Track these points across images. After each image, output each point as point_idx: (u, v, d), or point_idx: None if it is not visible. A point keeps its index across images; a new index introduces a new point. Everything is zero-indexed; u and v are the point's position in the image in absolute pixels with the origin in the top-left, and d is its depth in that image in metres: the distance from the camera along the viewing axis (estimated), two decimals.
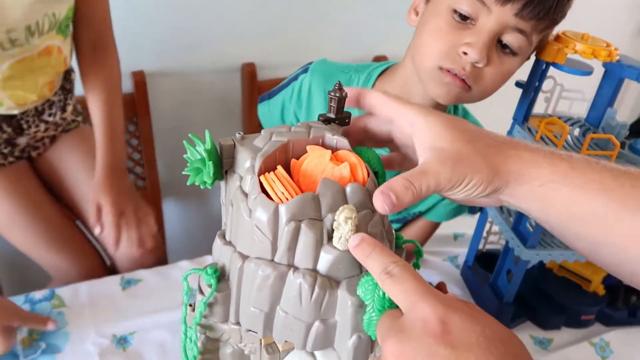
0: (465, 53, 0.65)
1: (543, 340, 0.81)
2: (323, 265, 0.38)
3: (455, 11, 0.65)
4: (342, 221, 0.37)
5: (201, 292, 0.42)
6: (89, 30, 0.90)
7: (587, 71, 0.69)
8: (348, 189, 0.39)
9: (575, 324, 0.83)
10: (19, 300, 0.76)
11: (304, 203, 0.38)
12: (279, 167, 0.40)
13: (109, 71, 0.94)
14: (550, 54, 0.68)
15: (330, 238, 0.38)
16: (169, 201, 1.39)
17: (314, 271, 0.38)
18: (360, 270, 0.39)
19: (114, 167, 0.89)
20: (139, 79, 1.21)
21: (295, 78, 0.88)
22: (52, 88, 0.90)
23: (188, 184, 0.43)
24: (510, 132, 0.77)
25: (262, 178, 0.39)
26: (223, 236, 0.43)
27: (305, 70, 0.86)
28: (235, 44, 1.14)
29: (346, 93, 0.46)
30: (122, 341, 0.72)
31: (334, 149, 0.44)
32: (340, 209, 0.37)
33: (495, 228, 0.89)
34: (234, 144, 0.43)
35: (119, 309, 0.77)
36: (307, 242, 0.38)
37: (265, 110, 0.94)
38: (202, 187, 0.43)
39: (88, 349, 0.70)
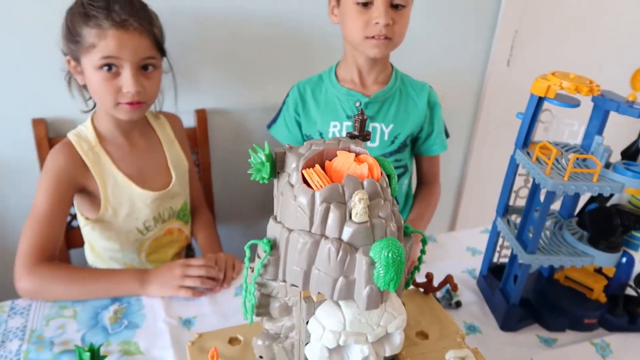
0: (377, 23, 1.04)
1: (548, 339, 0.91)
2: (346, 235, 0.54)
3: (357, 3, 1.05)
4: (357, 201, 0.53)
5: (259, 257, 0.58)
6: (192, 203, 1.27)
7: (575, 104, 0.82)
8: (365, 182, 0.55)
9: (579, 327, 0.93)
10: None
11: (332, 190, 0.54)
12: (317, 166, 0.57)
13: (205, 218, 1.29)
14: (542, 89, 0.82)
15: (350, 216, 0.54)
16: (222, 224, 1.57)
17: (340, 239, 0.54)
18: (373, 240, 0.54)
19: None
20: (201, 115, 1.41)
21: (286, 98, 1.25)
22: (180, 258, 1.22)
23: (251, 179, 0.59)
24: (513, 156, 0.91)
25: (304, 172, 0.55)
26: (275, 218, 0.60)
27: (291, 91, 1.23)
28: (279, 86, 1.34)
29: (367, 117, 0.62)
30: (187, 322, 0.88)
31: (357, 154, 0.60)
32: (356, 192, 0.53)
33: (507, 243, 1.02)
34: (285, 152, 0.60)
35: (184, 299, 0.93)
36: (334, 218, 0.53)
37: (276, 131, 1.29)
38: (260, 182, 0.59)
39: (160, 326, 0.86)
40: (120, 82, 0.95)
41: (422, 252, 0.67)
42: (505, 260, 1.05)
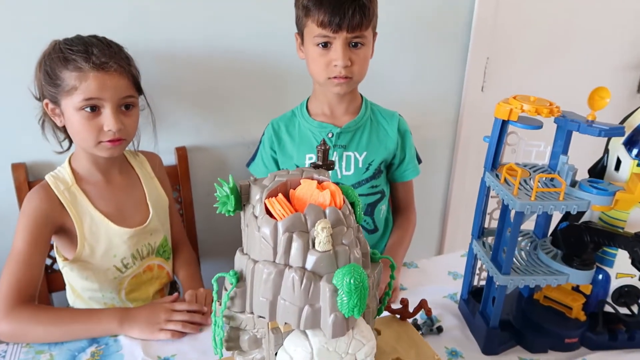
0: (335, 65, 1.08)
1: None
2: (309, 263, 0.54)
3: (318, 44, 1.09)
4: (320, 229, 0.54)
5: (225, 289, 0.59)
6: (173, 240, 1.28)
7: (537, 125, 0.85)
8: (327, 210, 0.56)
9: (561, 348, 0.93)
10: None
11: (294, 220, 0.55)
12: (280, 195, 0.58)
13: (186, 254, 1.29)
14: (504, 113, 0.85)
15: (314, 245, 0.55)
16: (206, 260, 1.57)
17: (303, 268, 0.54)
18: (337, 267, 0.55)
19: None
20: (182, 153, 1.43)
21: (262, 136, 1.29)
22: (162, 296, 1.22)
23: (217, 212, 0.60)
24: (482, 178, 0.92)
25: (266, 201, 0.56)
26: (241, 250, 0.60)
27: (266, 129, 1.28)
28: (258, 122, 1.36)
29: (329, 147, 0.64)
30: None
31: (320, 181, 0.61)
32: (319, 221, 0.54)
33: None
34: (249, 184, 0.61)
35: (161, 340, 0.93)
36: (297, 247, 0.54)
37: (254, 169, 1.32)
38: (226, 215, 0.60)
39: None
40: (101, 121, 0.97)
41: (391, 277, 0.67)
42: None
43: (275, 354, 0.57)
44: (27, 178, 1.30)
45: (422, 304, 0.82)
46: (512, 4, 1.70)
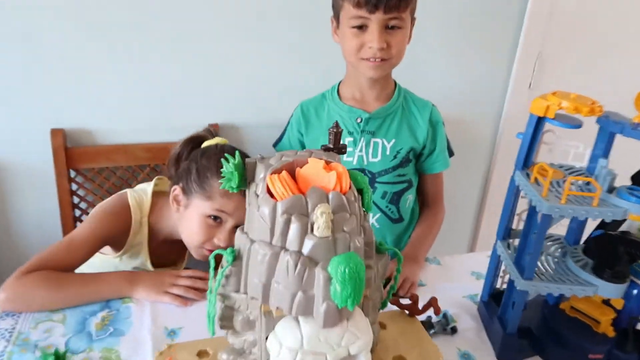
0: (370, 47, 1.05)
1: None
2: (306, 248, 0.52)
3: (352, 27, 1.06)
4: (319, 214, 0.51)
5: (221, 267, 0.57)
6: None
7: (576, 125, 0.79)
8: (330, 194, 0.54)
9: None
10: None
11: (294, 201, 0.53)
12: (283, 173, 0.55)
13: None
14: (541, 109, 0.79)
15: (312, 229, 0.52)
16: None
17: (299, 253, 0.52)
18: (335, 255, 0.52)
19: None
20: (215, 130, 1.43)
21: (291, 118, 1.26)
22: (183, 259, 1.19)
23: (220, 188, 0.59)
24: (512, 177, 0.87)
25: (268, 179, 0.54)
26: (242, 229, 0.59)
27: (295, 111, 1.25)
28: (293, 103, 1.34)
29: (342, 129, 0.61)
30: (172, 333, 0.88)
31: (327, 162, 0.58)
32: (319, 205, 0.52)
33: None
34: (255, 162, 0.59)
35: (172, 309, 0.93)
36: (295, 230, 0.52)
37: (281, 149, 1.27)
38: (230, 191, 0.59)
39: (144, 336, 0.86)
40: (217, 230, 0.98)
41: (398, 270, 0.64)
42: None
43: (267, 338, 0.56)
44: (64, 143, 1.34)
45: (432, 302, 0.78)
46: None
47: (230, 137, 1.48)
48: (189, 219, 0.99)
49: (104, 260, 1.07)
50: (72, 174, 1.38)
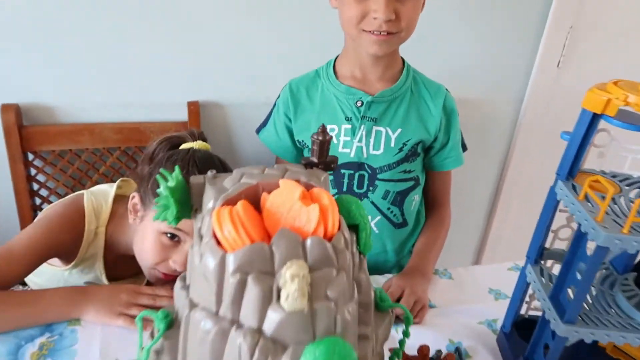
0: (375, 18, 0.84)
1: None
2: (269, 325, 0.34)
3: None
4: (289, 277, 0.33)
5: (152, 336, 0.40)
6: None
7: None
8: (309, 242, 0.36)
9: None
10: None
11: (253, 253, 0.35)
12: (239, 203, 0.37)
13: None
14: (598, 104, 0.60)
15: (279, 296, 0.35)
16: None
17: (259, 331, 0.35)
18: (313, 336, 0.35)
19: None
20: (193, 108, 1.25)
21: (277, 98, 1.06)
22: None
23: (153, 219, 0.41)
24: (553, 188, 0.69)
25: (213, 216, 0.36)
26: (184, 278, 0.41)
27: (282, 90, 1.05)
28: (285, 79, 1.15)
29: (330, 137, 0.43)
30: None
31: (307, 187, 0.40)
32: (288, 263, 0.34)
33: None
34: (204, 182, 0.41)
35: (128, 337, 0.76)
36: (252, 298, 0.34)
37: (265, 137, 1.09)
38: (167, 224, 0.41)
39: None
40: (176, 251, 0.81)
41: (405, 334, 0.47)
42: (536, 313, 0.83)
43: None
44: (18, 121, 1.16)
45: (422, 350, 0.61)
46: None
47: (213, 117, 1.30)
48: (142, 234, 0.81)
49: (52, 274, 0.91)
50: (30, 157, 1.20)
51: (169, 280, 0.82)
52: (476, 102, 1.48)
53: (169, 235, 0.79)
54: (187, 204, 0.40)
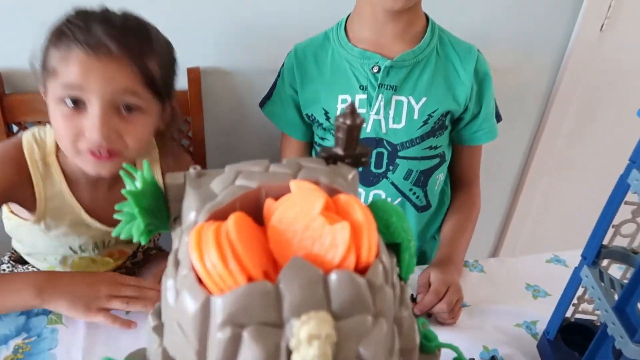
0: None
1: None
2: None
3: None
4: (304, 339, 0.22)
5: None
6: None
7: None
8: (333, 278, 0.24)
9: None
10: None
11: (251, 297, 0.23)
12: (231, 219, 0.26)
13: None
14: None
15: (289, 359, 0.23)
16: None
17: None
18: None
19: None
20: (194, 75, 1.13)
21: (282, 67, 0.94)
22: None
23: (113, 235, 0.30)
24: (624, 176, 0.56)
25: (191, 237, 0.24)
26: (158, 315, 0.30)
27: (287, 57, 0.92)
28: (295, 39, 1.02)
29: (362, 120, 0.30)
30: None
31: (331, 192, 0.28)
32: (304, 317, 0.22)
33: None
34: (184, 183, 0.29)
35: (112, 338, 0.67)
36: None
37: (270, 111, 0.97)
38: (134, 241, 0.29)
39: None
40: (82, 122, 0.68)
41: None
42: (585, 317, 0.72)
43: None
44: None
45: None
46: None
47: (215, 85, 1.17)
48: (51, 118, 0.71)
49: (28, 231, 0.80)
50: (15, 128, 1.10)
51: (103, 161, 0.70)
52: (504, 70, 1.35)
53: (67, 101, 0.67)
54: (162, 212, 0.29)
